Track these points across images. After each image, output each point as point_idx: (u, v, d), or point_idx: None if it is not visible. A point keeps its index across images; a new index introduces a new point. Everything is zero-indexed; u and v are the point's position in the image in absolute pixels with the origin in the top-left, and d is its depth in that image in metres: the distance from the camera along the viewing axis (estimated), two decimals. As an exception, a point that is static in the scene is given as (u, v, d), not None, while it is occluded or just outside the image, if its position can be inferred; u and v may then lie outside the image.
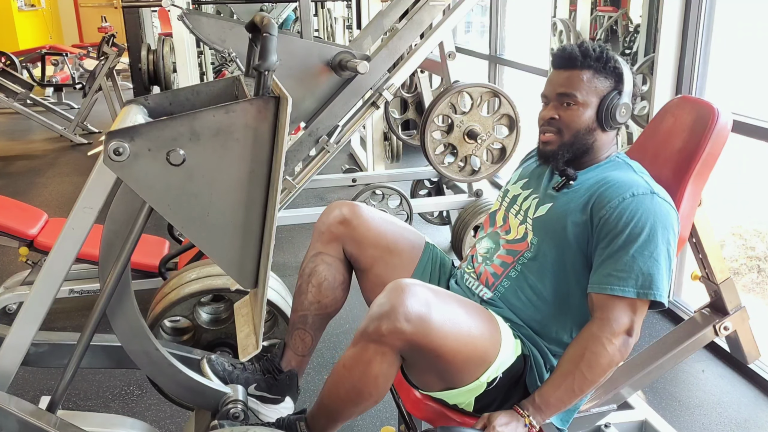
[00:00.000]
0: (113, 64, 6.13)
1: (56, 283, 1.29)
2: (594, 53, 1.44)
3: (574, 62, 1.44)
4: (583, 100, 1.44)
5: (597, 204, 1.40)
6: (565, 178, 1.49)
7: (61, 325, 2.72)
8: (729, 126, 1.51)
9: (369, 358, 1.30)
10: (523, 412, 1.37)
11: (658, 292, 1.34)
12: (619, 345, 1.34)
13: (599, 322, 1.35)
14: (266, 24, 1.10)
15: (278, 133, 1.07)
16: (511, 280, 1.50)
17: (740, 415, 2.18)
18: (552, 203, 1.48)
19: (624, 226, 1.35)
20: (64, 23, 11.70)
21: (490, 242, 1.58)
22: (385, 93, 2.63)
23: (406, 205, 3.10)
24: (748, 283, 3.34)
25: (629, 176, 1.44)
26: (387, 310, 1.27)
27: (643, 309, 1.36)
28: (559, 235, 1.44)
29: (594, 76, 1.44)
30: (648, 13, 2.72)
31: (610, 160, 1.51)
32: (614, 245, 1.36)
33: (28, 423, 1.25)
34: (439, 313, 1.29)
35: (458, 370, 1.35)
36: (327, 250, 1.62)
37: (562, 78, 1.46)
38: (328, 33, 6.10)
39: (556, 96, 1.47)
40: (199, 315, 1.83)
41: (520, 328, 1.47)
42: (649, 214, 1.35)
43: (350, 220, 1.60)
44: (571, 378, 1.36)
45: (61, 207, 4.39)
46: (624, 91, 1.46)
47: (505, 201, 1.62)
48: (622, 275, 1.34)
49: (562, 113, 1.46)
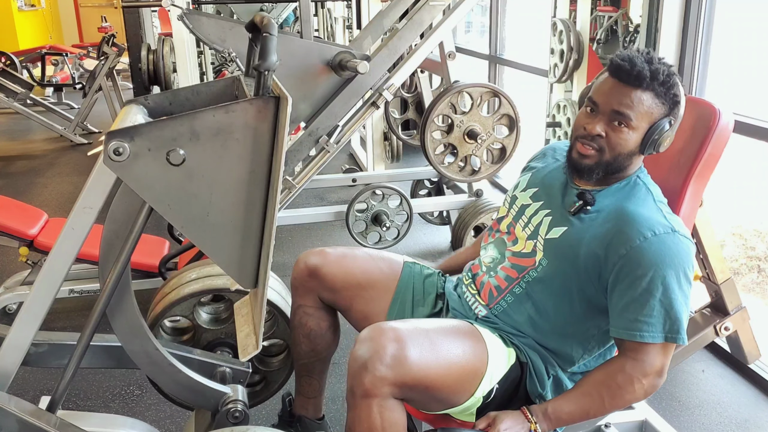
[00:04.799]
0: (113, 64, 6.13)
1: (56, 283, 1.29)
2: (662, 76, 1.33)
3: (640, 81, 1.32)
4: (636, 124, 1.34)
5: (616, 241, 1.34)
6: (583, 203, 1.41)
7: (61, 325, 2.72)
8: (730, 126, 1.51)
9: (368, 414, 1.29)
10: (531, 418, 1.36)
11: (684, 335, 1.34)
12: (647, 386, 1.34)
13: (632, 362, 1.34)
14: (266, 24, 1.10)
15: (278, 133, 1.07)
16: (514, 296, 1.48)
17: (740, 415, 2.18)
18: (567, 227, 1.42)
19: (647, 268, 1.30)
20: (64, 23, 11.69)
21: (496, 252, 1.55)
22: (385, 93, 2.63)
23: (406, 205, 3.10)
24: (749, 283, 3.34)
25: (649, 209, 1.37)
26: (364, 363, 1.27)
27: (671, 350, 1.36)
28: (571, 262, 1.39)
29: (653, 100, 1.34)
30: (648, 13, 2.72)
31: (629, 181, 1.42)
32: (637, 288, 1.32)
33: (28, 423, 1.25)
34: (414, 347, 1.29)
35: (451, 392, 1.35)
36: (305, 302, 1.69)
37: (622, 94, 1.34)
38: (328, 33, 6.10)
39: (610, 111, 1.35)
40: (199, 315, 1.83)
41: (518, 337, 1.46)
42: (673, 256, 1.31)
43: (317, 270, 1.65)
44: (590, 400, 1.37)
45: (61, 207, 4.39)
46: (676, 120, 1.38)
47: (513, 209, 1.57)
48: (651, 321, 1.31)
49: (610, 132, 1.36)
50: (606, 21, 3.10)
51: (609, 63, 1.38)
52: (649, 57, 1.35)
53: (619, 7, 3.01)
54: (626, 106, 1.34)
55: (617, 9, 3.03)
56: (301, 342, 1.71)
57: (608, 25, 3.08)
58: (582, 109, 1.42)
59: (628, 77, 1.33)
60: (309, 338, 1.70)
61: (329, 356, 1.77)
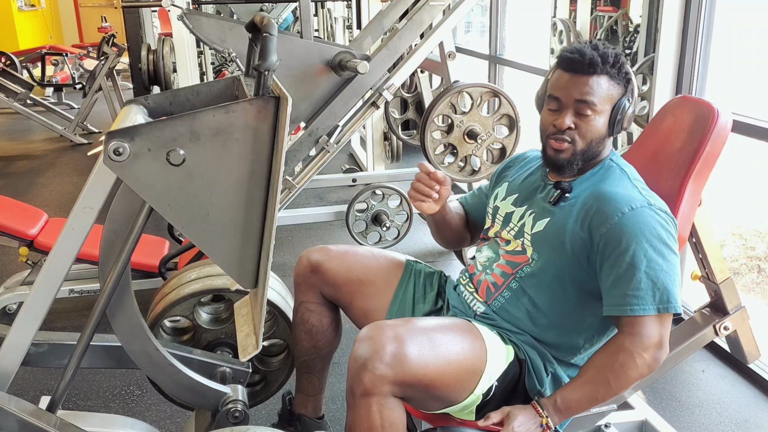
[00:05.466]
0: (113, 64, 6.13)
1: (56, 283, 1.29)
2: (611, 58, 1.39)
3: (594, 68, 1.38)
4: (600, 108, 1.40)
5: (595, 221, 1.38)
6: (560, 191, 1.45)
7: (61, 325, 2.72)
8: (729, 126, 1.51)
9: (368, 413, 1.29)
10: (542, 412, 1.37)
11: (676, 303, 1.35)
12: (649, 359, 1.34)
13: (630, 337, 1.35)
14: (266, 24, 1.10)
15: (278, 133, 1.07)
16: (511, 291, 1.49)
17: (740, 415, 2.18)
18: (549, 218, 1.46)
19: (628, 242, 1.33)
20: (64, 23, 11.69)
21: (491, 252, 1.57)
22: (385, 93, 2.63)
23: (406, 205, 3.10)
24: (748, 283, 3.34)
25: (625, 188, 1.41)
26: (363, 362, 1.28)
27: (668, 321, 1.37)
28: (558, 250, 1.42)
29: (609, 82, 1.40)
30: (648, 13, 2.72)
31: (603, 165, 1.47)
32: (622, 264, 1.34)
33: (28, 423, 1.25)
34: (413, 346, 1.29)
35: (451, 390, 1.36)
36: (307, 299, 1.70)
37: (581, 83, 1.39)
38: (328, 33, 6.10)
39: (573, 102, 1.40)
40: (199, 315, 1.83)
41: (516, 335, 1.47)
42: (651, 228, 1.34)
43: (319, 266, 1.66)
44: (596, 385, 1.37)
45: (61, 207, 4.39)
46: (633, 97, 1.44)
47: (497, 219, 1.58)
48: (639, 293, 1.33)
49: (579, 122, 1.41)
50: (606, 21, 3.10)
51: (559, 59, 1.45)
52: (594, 44, 1.42)
53: (619, 7, 3.02)
54: (588, 93, 1.39)
55: (617, 9, 3.03)
56: (303, 339, 1.71)
57: (608, 25, 3.08)
58: (544, 109, 1.48)
59: (582, 66, 1.39)
60: (311, 335, 1.70)
61: (330, 353, 1.77)
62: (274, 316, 1.86)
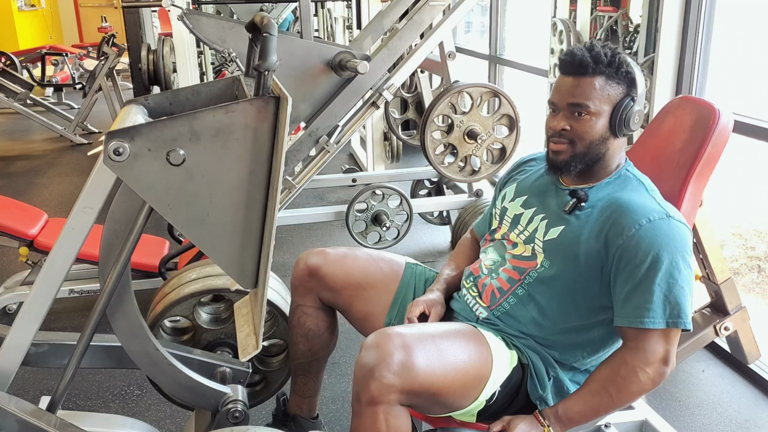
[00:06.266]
0: (113, 64, 6.13)
1: (56, 283, 1.29)
2: (606, 58, 1.36)
3: (585, 69, 1.36)
4: (595, 109, 1.37)
5: (612, 232, 1.35)
6: (576, 200, 1.42)
7: (61, 325, 2.72)
8: (730, 126, 1.51)
9: (374, 421, 1.28)
10: (544, 422, 1.37)
11: (687, 319, 1.33)
12: (653, 374, 1.33)
13: (632, 351, 1.34)
14: (266, 24, 1.10)
15: (278, 133, 1.07)
16: (517, 298, 1.47)
17: (740, 415, 2.18)
18: (564, 226, 1.43)
19: (644, 255, 1.31)
20: (64, 23, 11.69)
21: (496, 255, 1.55)
22: (385, 93, 2.63)
23: (406, 205, 3.10)
24: (749, 283, 3.34)
25: (642, 198, 1.38)
26: (370, 369, 1.26)
27: (675, 336, 1.35)
28: (571, 260, 1.39)
29: (606, 82, 1.36)
30: (648, 13, 2.72)
31: (619, 175, 1.45)
32: (636, 276, 1.32)
33: (28, 423, 1.25)
34: (421, 354, 1.28)
35: (457, 397, 1.36)
36: (305, 302, 1.69)
37: (572, 86, 1.38)
38: (328, 33, 6.10)
39: (566, 105, 1.39)
40: (199, 315, 1.83)
41: (519, 339, 1.46)
42: (669, 241, 1.32)
43: (317, 269, 1.65)
44: (598, 397, 1.36)
45: (61, 207, 4.39)
46: (637, 97, 1.39)
47: (505, 221, 1.57)
48: (651, 306, 1.31)
49: (573, 124, 1.39)
50: (606, 21, 3.10)
51: (557, 63, 1.44)
52: (590, 45, 1.39)
53: (619, 7, 3.01)
54: (579, 96, 1.37)
55: (617, 9, 3.02)
56: (299, 341, 1.71)
57: (608, 25, 3.08)
58: (547, 114, 1.47)
59: (573, 68, 1.38)
60: (307, 338, 1.70)
61: (326, 356, 1.77)
62: (274, 316, 1.86)
